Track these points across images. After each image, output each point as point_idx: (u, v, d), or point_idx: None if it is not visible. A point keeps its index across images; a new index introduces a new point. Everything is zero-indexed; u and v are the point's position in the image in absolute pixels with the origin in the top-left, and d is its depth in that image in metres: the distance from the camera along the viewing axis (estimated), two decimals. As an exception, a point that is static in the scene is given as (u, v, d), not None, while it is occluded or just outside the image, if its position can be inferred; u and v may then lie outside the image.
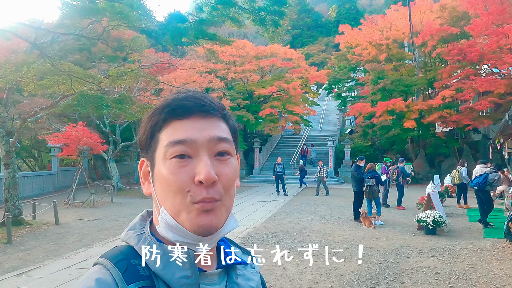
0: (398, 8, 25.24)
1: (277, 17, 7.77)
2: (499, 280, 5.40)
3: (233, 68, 26.07)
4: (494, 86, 17.63)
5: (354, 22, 36.98)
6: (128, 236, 0.72)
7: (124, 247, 0.71)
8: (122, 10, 7.30)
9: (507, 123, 8.00)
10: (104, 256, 0.69)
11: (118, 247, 0.71)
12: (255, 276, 0.79)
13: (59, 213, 10.58)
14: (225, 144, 0.70)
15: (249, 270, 0.79)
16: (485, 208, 9.33)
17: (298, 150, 25.54)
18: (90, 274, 0.66)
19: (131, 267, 0.65)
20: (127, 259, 0.67)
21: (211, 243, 0.70)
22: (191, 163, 0.66)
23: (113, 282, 0.63)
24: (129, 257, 0.67)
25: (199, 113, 0.69)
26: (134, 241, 0.70)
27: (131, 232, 0.72)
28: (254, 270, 0.81)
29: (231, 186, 0.70)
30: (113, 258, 0.67)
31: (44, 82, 7.98)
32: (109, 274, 0.64)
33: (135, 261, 0.66)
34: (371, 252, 7.02)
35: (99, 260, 0.69)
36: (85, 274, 0.68)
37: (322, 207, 12.89)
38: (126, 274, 0.64)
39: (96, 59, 20.03)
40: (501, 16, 18.04)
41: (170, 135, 0.68)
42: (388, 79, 22.67)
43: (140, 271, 0.65)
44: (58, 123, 17.49)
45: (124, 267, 0.65)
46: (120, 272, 0.64)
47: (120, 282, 0.63)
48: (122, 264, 0.66)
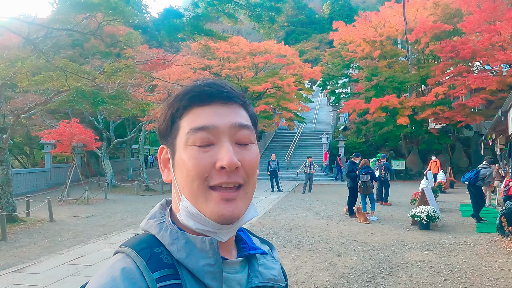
0: (391, 5, 25.34)
1: (274, 13, 7.76)
2: (492, 273, 5.50)
3: (227, 64, 26.02)
4: (486, 83, 17.79)
5: (348, 19, 37.07)
6: (149, 225, 0.71)
7: (145, 236, 0.70)
8: (117, 5, 7.25)
9: (500, 119, 8.11)
10: (126, 245, 0.68)
11: (139, 236, 0.71)
12: (275, 265, 0.79)
13: (53, 210, 10.52)
14: (246, 130, 0.69)
15: (268, 259, 0.79)
16: (478, 203, 9.46)
17: (292, 146, 25.59)
18: (114, 263, 0.65)
19: (154, 255, 0.65)
20: (150, 248, 0.66)
21: (231, 231, 0.70)
22: (213, 150, 0.66)
23: (137, 271, 0.62)
24: (152, 246, 0.67)
25: (220, 99, 0.69)
26: (156, 229, 0.69)
27: (152, 221, 0.72)
28: (274, 259, 0.81)
29: (254, 172, 0.69)
30: (136, 247, 0.67)
31: (39, 78, 7.90)
32: (132, 262, 0.64)
33: (158, 249, 0.66)
34: (367, 247, 7.09)
35: (121, 249, 0.68)
36: (107, 263, 0.67)
37: (316, 203, 12.96)
38: (150, 262, 0.64)
39: (89, 55, 19.86)
40: (493, 14, 18.20)
41: (191, 122, 0.67)
42: (381, 76, 22.79)
43: (164, 259, 0.65)
44: (51, 120, 17.33)
45: (148, 255, 0.65)
46: (144, 260, 0.64)
47: (144, 270, 0.62)
48: (145, 252, 0.65)
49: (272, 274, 0.76)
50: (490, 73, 19.42)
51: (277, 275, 0.77)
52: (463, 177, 9.86)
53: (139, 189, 17.04)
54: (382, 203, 12.49)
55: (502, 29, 17.57)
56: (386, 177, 12.68)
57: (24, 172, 17.96)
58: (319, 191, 16.53)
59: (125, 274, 0.61)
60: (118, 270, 0.62)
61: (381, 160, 13.22)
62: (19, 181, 16.42)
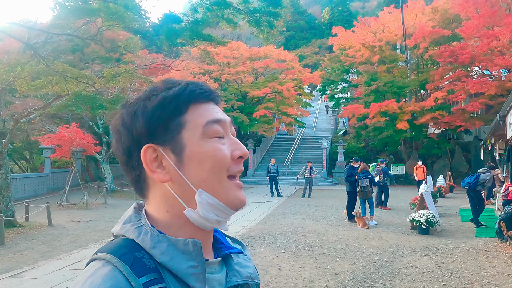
0: (390, 10, 25.45)
1: (272, 18, 7.80)
2: (491, 278, 5.48)
3: (227, 69, 26.09)
4: (485, 88, 17.84)
5: (347, 24, 37.20)
6: (126, 229, 0.68)
7: (122, 240, 0.67)
8: (117, 11, 7.28)
9: (498, 123, 8.12)
10: (103, 251, 0.65)
11: (115, 241, 0.68)
12: (249, 263, 0.80)
13: (52, 214, 10.50)
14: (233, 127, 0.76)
15: (242, 258, 0.80)
16: (477, 208, 9.45)
17: (292, 151, 25.60)
18: (93, 271, 0.61)
19: (137, 260, 0.63)
20: (131, 252, 0.64)
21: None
22: (226, 142, 0.70)
23: (122, 277, 0.60)
24: (133, 250, 0.64)
25: (213, 100, 0.74)
26: (134, 234, 0.67)
27: (128, 225, 0.69)
28: (247, 257, 0.82)
29: None
30: (116, 252, 0.64)
31: (38, 82, 7.92)
32: (114, 269, 0.61)
33: (139, 253, 0.64)
34: (365, 251, 7.07)
35: (98, 256, 0.65)
36: (84, 273, 0.62)
37: (316, 208, 12.94)
38: (134, 268, 0.61)
39: (89, 60, 19.94)
40: (491, 19, 18.28)
41: (201, 116, 0.69)
42: (381, 81, 22.84)
43: (147, 264, 0.63)
44: (50, 124, 17.36)
45: (131, 260, 0.62)
46: (127, 266, 0.61)
47: (129, 276, 0.60)
48: (127, 257, 0.63)
49: (249, 272, 0.77)
50: (489, 78, 19.47)
51: (252, 272, 0.79)
52: (463, 182, 9.86)
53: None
54: (382, 207, 12.48)
55: (500, 34, 17.64)
56: (385, 182, 12.68)
57: (23, 177, 17.94)
58: (319, 196, 16.51)
59: (109, 281, 0.58)
60: (100, 278, 0.59)
61: (379, 165, 13.22)
62: (18, 185, 16.41)
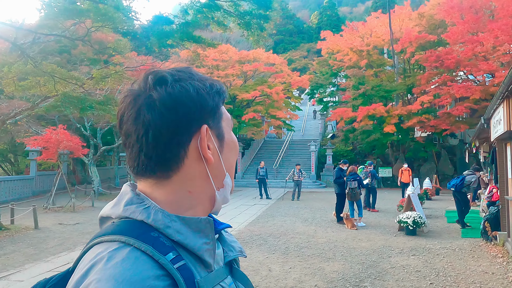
0: (378, 15, 25.83)
1: (263, 21, 7.86)
2: (476, 277, 5.60)
3: (216, 72, 26.09)
4: (469, 92, 18.20)
5: (336, 29, 37.64)
6: (132, 211, 0.66)
7: (131, 222, 0.65)
8: (107, 12, 7.26)
9: (483, 126, 8.31)
10: (112, 233, 0.62)
11: (121, 222, 0.66)
12: (233, 238, 0.84)
13: (39, 217, 10.34)
14: None
15: (226, 234, 0.83)
16: (463, 209, 9.63)
17: (281, 154, 25.68)
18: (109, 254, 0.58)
19: (156, 239, 0.61)
20: (147, 232, 0.62)
21: None
22: None
23: (147, 257, 0.58)
24: (148, 231, 0.63)
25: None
26: (143, 214, 0.65)
27: (132, 206, 0.67)
28: (229, 233, 0.85)
29: None
30: (131, 233, 0.61)
31: (26, 83, 7.82)
32: (135, 250, 0.59)
33: (154, 233, 0.63)
34: (354, 252, 7.15)
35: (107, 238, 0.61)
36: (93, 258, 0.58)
37: (305, 210, 13.01)
38: (156, 246, 0.60)
39: (77, 61, 19.71)
40: (476, 25, 18.70)
41: (225, 111, 0.78)
42: (368, 85, 23.11)
43: (166, 243, 0.62)
44: (37, 126, 17.10)
45: (150, 240, 0.61)
46: (149, 245, 0.59)
47: (154, 255, 0.59)
48: (145, 237, 0.61)
49: (239, 247, 0.82)
50: (473, 82, 19.87)
51: (241, 247, 0.83)
52: (449, 184, 10.05)
53: (127, 197, 16.81)
54: (370, 209, 12.62)
55: (484, 40, 18.05)
56: (373, 184, 12.83)
57: (8, 180, 17.62)
58: (307, 198, 16.60)
59: (137, 262, 0.57)
60: (125, 260, 0.56)
61: (368, 167, 13.37)
62: (3, 188, 16.12)
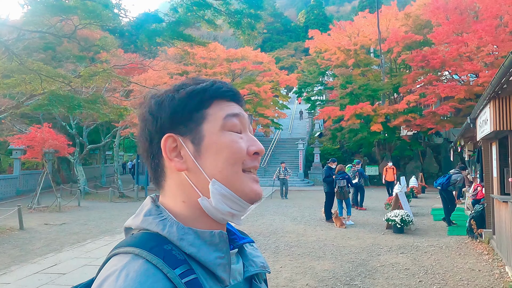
0: (365, 15, 26.07)
1: (253, 20, 7.84)
2: (463, 274, 5.71)
3: (204, 70, 25.96)
4: (454, 91, 18.54)
5: (323, 28, 37.81)
6: (149, 222, 0.67)
7: (147, 234, 0.66)
8: (95, 9, 7.13)
9: (469, 125, 8.46)
10: (128, 245, 0.63)
11: (138, 235, 0.66)
12: (258, 252, 0.82)
13: (23, 218, 10.12)
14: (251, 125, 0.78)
15: (251, 248, 0.81)
16: (449, 207, 9.81)
17: (269, 153, 25.70)
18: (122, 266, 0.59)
19: (168, 252, 0.62)
20: (160, 245, 0.63)
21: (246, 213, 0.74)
22: (243, 137, 0.72)
23: (156, 270, 0.59)
24: (161, 243, 0.63)
25: (235, 100, 0.76)
26: (159, 227, 0.66)
27: (150, 218, 0.68)
28: (254, 247, 0.83)
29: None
30: (144, 245, 0.62)
31: (11, 80, 7.62)
32: (146, 262, 0.59)
33: (168, 246, 0.63)
34: (344, 250, 7.21)
35: (123, 250, 0.63)
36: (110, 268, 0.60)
37: (293, 208, 13.06)
38: (167, 260, 0.61)
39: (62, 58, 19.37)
40: (460, 26, 19.04)
41: (221, 110, 0.72)
42: (356, 84, 23.33)
43: (178, 256, 0.63)
44: (21, 125, 16.74)
45: (162, 253, 0.61)
46: (160, 258, 0.60)
47: (163, 268, 0.59)
48: (157, 250, 0.62)
49: (261, 262, 0.79)
50: (458, 82, 20.24)
51: (264, 262, 0.81)
52: (435, 182, 10.21)
53: (114, 196, 16.66)
54: (358, 208, 12.74)
55: (469, 41, 18.39)
56: (360, 182, 12.96)
57: (-9, 179, 17.25)
58: (296, 197, 16.68)
59: (144, 275, 0.57)
60: (134, 273, 0.57)
61: (355, 166, 13.48)
62: (-15, 188, 15.75)
